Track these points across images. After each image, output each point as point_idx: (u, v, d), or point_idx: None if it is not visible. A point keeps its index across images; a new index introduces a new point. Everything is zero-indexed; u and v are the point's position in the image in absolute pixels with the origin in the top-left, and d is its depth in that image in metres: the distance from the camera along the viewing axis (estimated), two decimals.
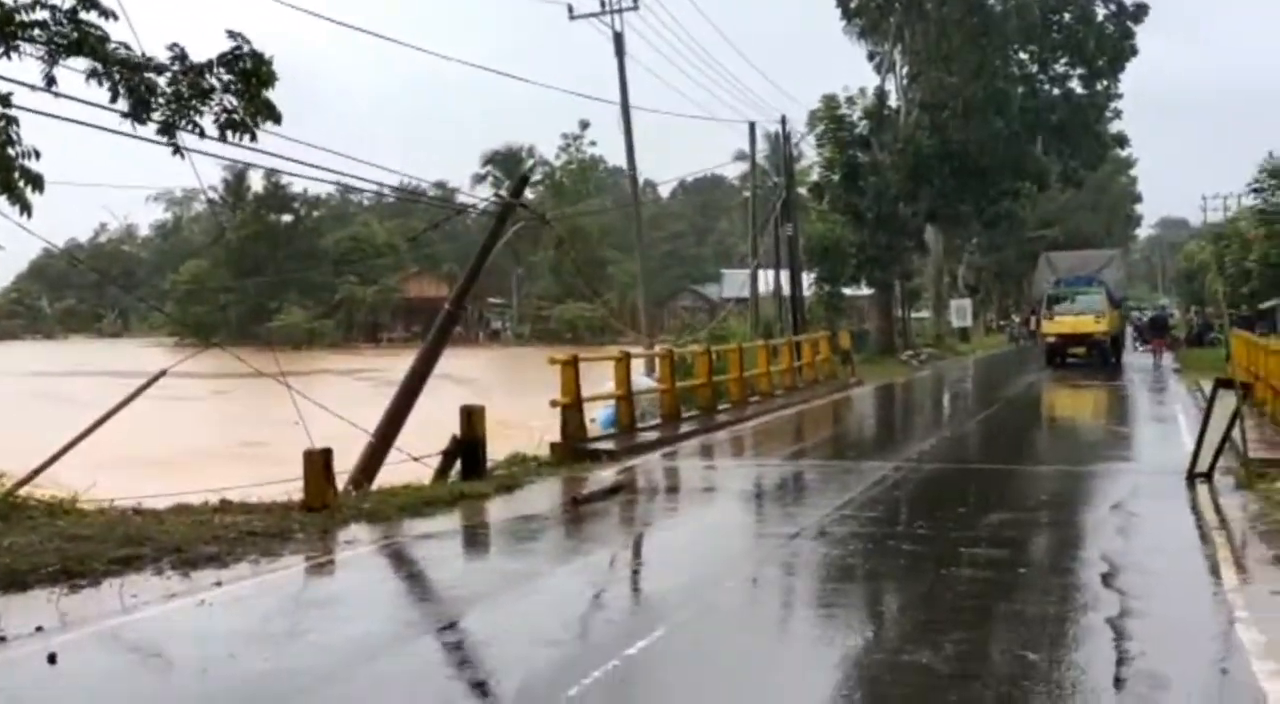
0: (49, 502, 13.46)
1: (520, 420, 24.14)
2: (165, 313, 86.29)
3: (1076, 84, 51.33)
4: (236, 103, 12.68)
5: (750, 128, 50.23)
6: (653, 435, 22.19)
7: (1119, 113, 54.60)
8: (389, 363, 44.23)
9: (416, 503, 14.42)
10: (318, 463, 13.78)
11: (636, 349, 30.51)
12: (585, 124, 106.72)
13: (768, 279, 49.62)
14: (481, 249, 21.53)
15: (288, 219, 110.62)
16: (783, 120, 49.41)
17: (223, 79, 12.53)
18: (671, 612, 9.31)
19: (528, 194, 44.75)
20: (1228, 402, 16.32)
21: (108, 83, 12.46)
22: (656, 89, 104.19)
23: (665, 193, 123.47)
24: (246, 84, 12.55)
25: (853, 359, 40.89)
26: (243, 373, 18.86)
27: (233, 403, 45.66)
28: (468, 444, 17.11)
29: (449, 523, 13.83)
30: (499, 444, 19.28)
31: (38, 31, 12.38)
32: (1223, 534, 12.47)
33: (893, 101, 52.53)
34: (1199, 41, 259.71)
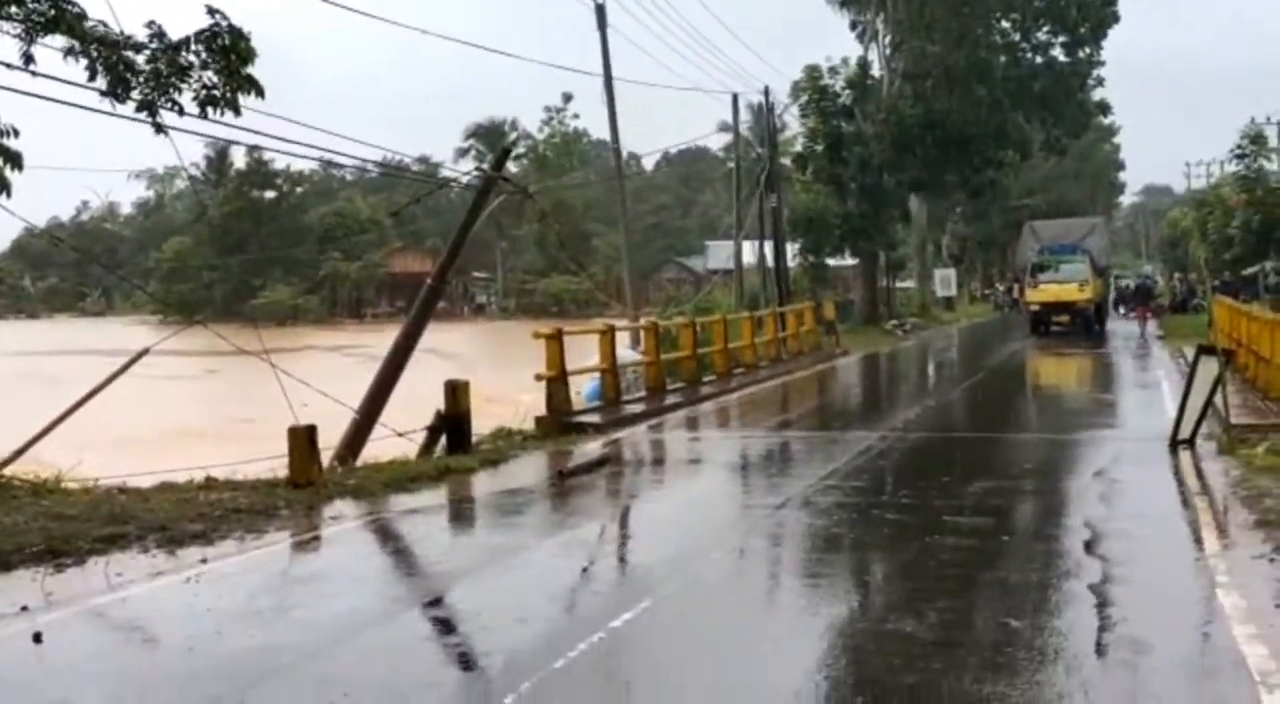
0: (33, 481, 13.45)
1: (506, 394, 24.13)
2: (148, 292, 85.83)
3: (1059, 52, 51.19)
4: (216, 79, 12.61)
5: (733, 99, 50.22)
6: (638, 408, 22.21)
7: (1101, 80, 54.49)
8: (375, 338, 44.15)
9: (402, 478, 14.42)
10: (302, 439, 13.78)
11: (621, 322, 30.50)
12: (568, 97, 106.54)
13: (752, 250, 49.58)
14: (464, 223, 21.49)
15: (271, 195, 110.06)
16: (766, 91, 49.37)
17: (201, 56, 12.47)
18: (658, 584, 9.34)
19: (510, 167, 44.76)
20: (1210, 368, 16.38)
21: (86, 61, 12.38)
22: (639, 61, 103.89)
23: (649, 165, 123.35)
24: (226, 60, 12.49)
25: (837, 329, 40.90)
26: (232, 351, 18.78)
27: (222, 381, 45.64)
28: (453, 419, 17.10)
29: (434, 498, 13.82)
30: (484, 419, 19.29)
31: (15, 9, 12.31)
32: (1205, 500, 12.56)
33: (876, 71, 52.35)
34: (1181, 8, 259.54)
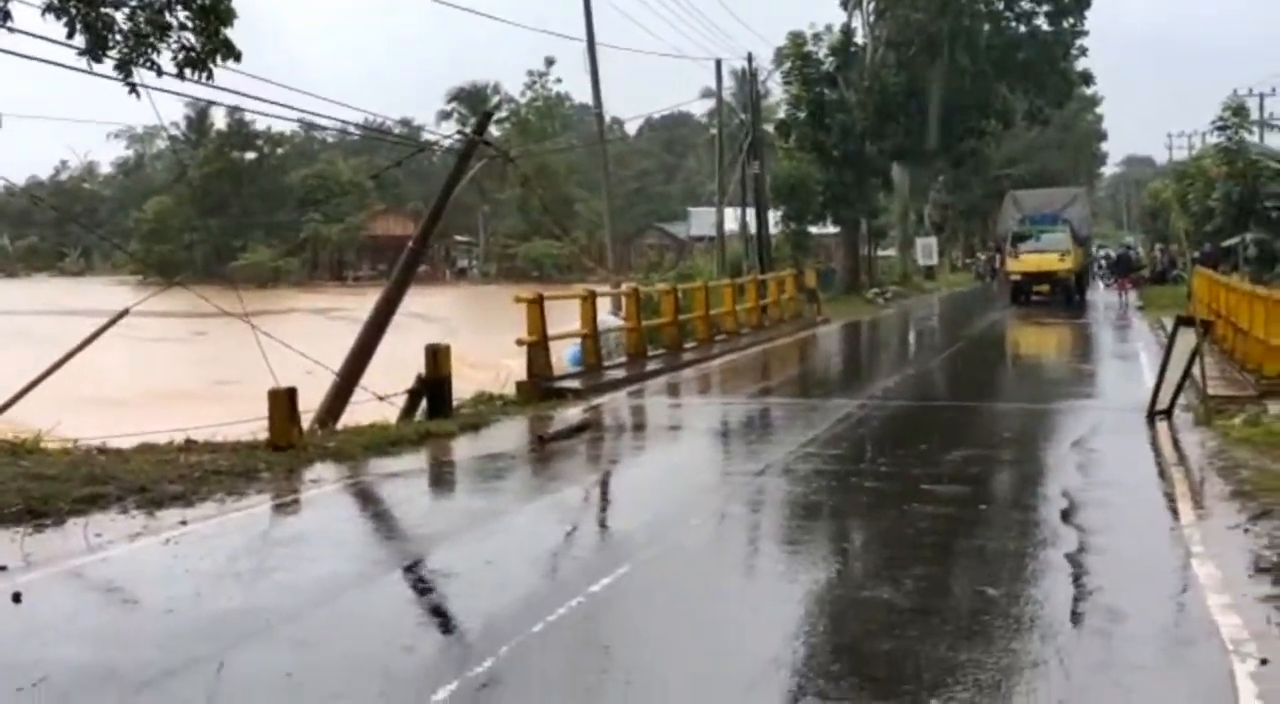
0: (12, 441, 13.45)
1: (487, 359, 24.15)
2: (128, 252, 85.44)
3: (1043, 21, 51.17)
4: (195, 40, 12.53)
5: (716, 65, 50.11)
6: (619, 374, 22.23)
7: (1084, 50, 54.41)
8: (359, 301, 43.93)
9: (382, 442, 14.41)
10: (283, 402, 13.77)
11: (603, 287, 30.49)
12: (551, 61, 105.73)
13: (735, 217, 49.54)
14: (445, 187, 21.43)
15: (251, 156, 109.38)
16: (749, 58, 49.23)
17: (181, 17, 12.39)
18: (637, 549, 9.38)
19: (493, 131, 44.57)
20: (1189, 339, 16.45)
21: (64, 19, 12.30)
22: (623, 26, 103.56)
23: (632, 130, 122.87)
24: (205, 21, 12.41)
25: (819, 297, 40.92)
26: (217, 312, 18.68)
27: (210, 343, 45.47)
28: (433, 383, 17.09)
29: (415, 462, 13.84)
30: (465, 383, 19.31)
31: None
32: (1181, 470, 12.64)
33: (859, 39, 52.17)
34: None
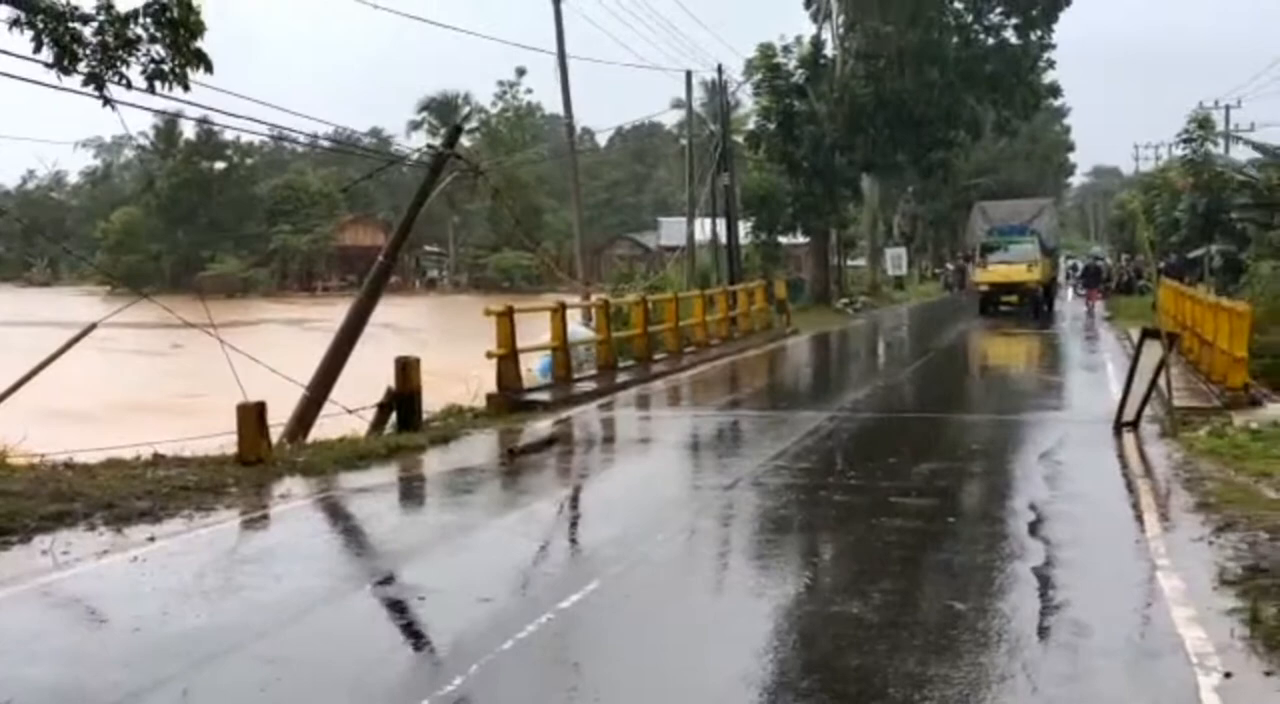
0: None
1: (457, 370, 24.08)
2: (93, 264, 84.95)
3: (1011, 34, 51.53)
4: (164, 53, 12.48)
5: (687, 77, 49.95)
6: (589, 386, 22.23)
7: (1052, 63, 54.82)
8: (330, 312, 43.83)
9: (351, 456, 14.38)
10: (252, 416, 13.72)
11: (573, 298, 30.50)
12: (521, 71, 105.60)
13: (704, 228, 49.61)
14: (415, 201, 21.44)
15: (220, 166, 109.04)
16: (719, 69, 49.35)
17: (149, 29, 12.34)
18: (606, 565, 9.38)
19: (463, 141, 44.50)
20: (1155, 351, 16.58)
21: (31, 32, 12.23)
22: (594, 36, 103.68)
23: (603, 141, 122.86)
24: (175, 34, 12.36)
25: (788, 308, 41.04)
26: (191, 324, 18.49)
27: (189, 356, 45.24)
28: (403, 396, 17.06)
29: (384, 476, 13.81)
30: (435, 395, 19.26)
31: None
32: (1147, 482, 12.74)
33: (829, 50, 52.38)
34: None
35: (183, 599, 8.55)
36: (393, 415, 17.21)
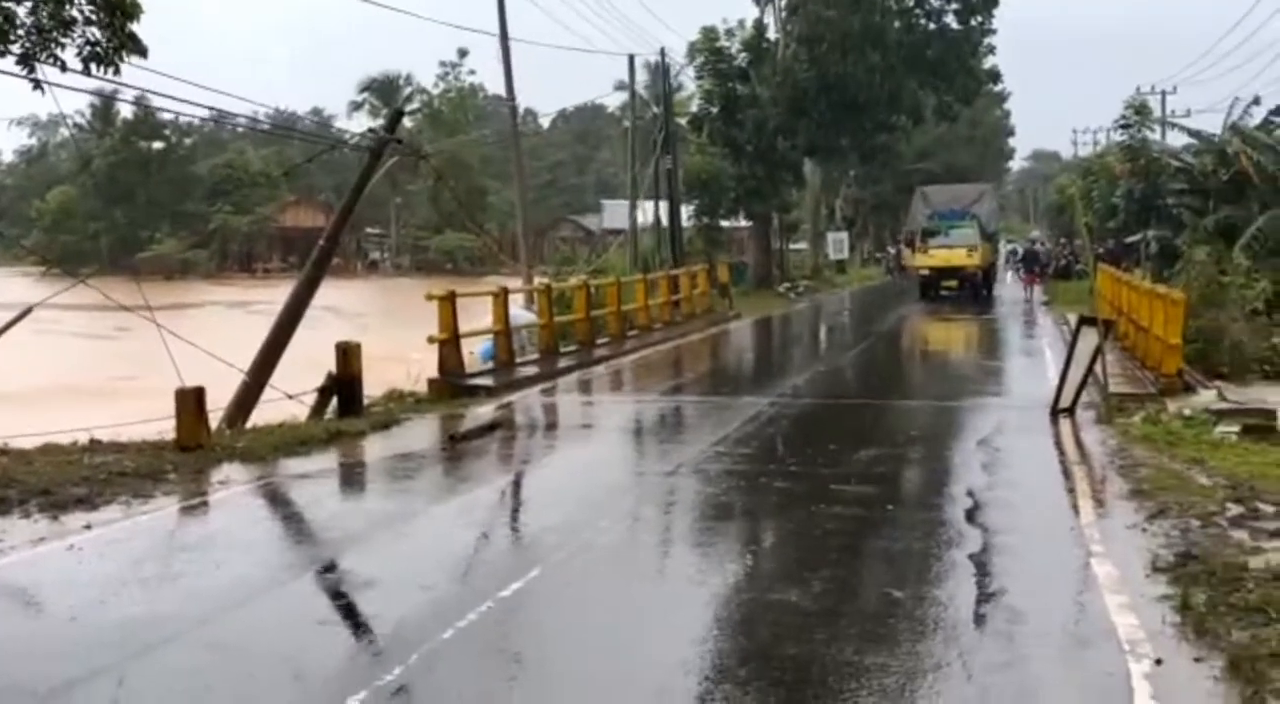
0: None
1: (399, 354, 23.98)
2: (25, 245, 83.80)
3: (952, 19, 51.79)
4: (100, 35, 12.34)
5: (629, 60, 49.77)
6: (531, 371, 22.19)
7: (993, 49, 55.16)
8: (271, 294, 43.27)
9: (291, 442, 14.30)
10: (190, 401, 13.62)
11: (516, 280, 30.43)
12: (464, 52, 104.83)
13: (647, 211, 49.55)
14: (356, 185, 21.26)
15: (159, 146, 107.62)
16: (662, 53, 49.15)
17: (85, 11, 12.19)
18: (548, 552, 9.40)
19: (405, 122, 44.11)
20: (1092, 338, 16.76)
21: None
22: (536, 17, 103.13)
23: (546, 122, 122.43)
24: (111, 16, 12.21)
25: (731, 292, 41.16)
26: (144, 306, 18.19)
27: (133, 338, 44.68)
28: (344, 381, 16.99)
29: (325, 462, 13.76)
30: (376, 378, 19.18)
31: None
32: (1083, 469, 12.90)
33: (771, 34, 52.46)
34: None
35: (120, 587, 8.50)
36: (333, 400, 17.12)
